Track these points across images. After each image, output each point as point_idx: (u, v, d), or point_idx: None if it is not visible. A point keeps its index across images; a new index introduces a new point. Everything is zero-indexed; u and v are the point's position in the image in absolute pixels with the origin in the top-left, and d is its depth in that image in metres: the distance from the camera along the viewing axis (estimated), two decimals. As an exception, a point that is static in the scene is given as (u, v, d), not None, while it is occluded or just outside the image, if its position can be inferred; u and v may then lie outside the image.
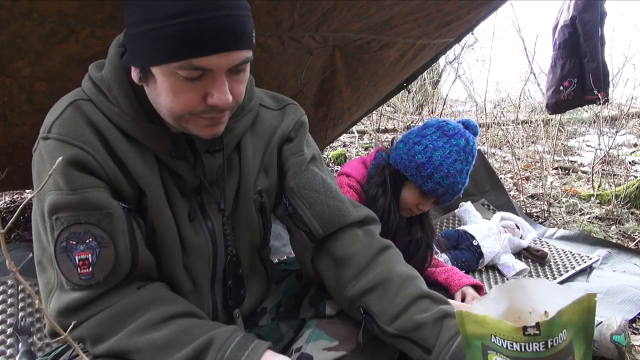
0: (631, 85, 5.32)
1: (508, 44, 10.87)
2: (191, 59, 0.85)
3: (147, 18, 0.85)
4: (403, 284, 1.09)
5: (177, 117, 0.94)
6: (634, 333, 1.84)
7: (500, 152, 4.91)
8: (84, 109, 0.98)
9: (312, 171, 1.18)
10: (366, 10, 2.11)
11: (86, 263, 0.92)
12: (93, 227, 0.93)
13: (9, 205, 2.90)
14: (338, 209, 1.15)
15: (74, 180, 0.92)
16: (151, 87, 0.93)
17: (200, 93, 0.90)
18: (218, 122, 0.97)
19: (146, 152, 1.00)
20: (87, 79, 1.02)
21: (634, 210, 3.16)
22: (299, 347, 1.17)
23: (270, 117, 1.18)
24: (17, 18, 1.45)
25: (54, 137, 0.94)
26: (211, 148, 1.07)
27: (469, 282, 1.78)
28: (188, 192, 1.08)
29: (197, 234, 1.09)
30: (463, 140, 1.64)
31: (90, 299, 0.94)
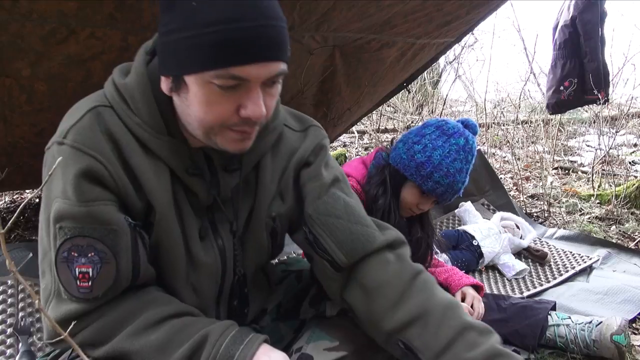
0: (631, 85, 5.33)
1: (508, 44, 10.86)
2: (230, 67, 0.83)
3: (188, 25, 0.83)
4: (444, 315, 1.02)
5: (207, 129, 0.91)
6: (634, 333, 1.85)
7: (500, 152, 4.91)
8: (104, 116, 0.95)
9: (332, 195, 1.12)
10: (366, 10, 2.11)
11: (86, 277, 0.90)
12: (96, 241, 0.91)
13: (9, 205, 2.90)
14: (362, 234, 1.08)
15: (83, 192, 0.90)
16: (182, 97, 0.90)
17: (234, 104, 0.88)
18: (247, 137, 0.94)
19: (161, 167, 0.98)
20: (111, 84, 0.99)
21: (634, 210, 3.16)
22: (299, 348, 1.17)
23: (292, 139, 1.14)
24: (17, 19, 1.46)
25: (69, 143, 0.91)
26: (229, 166, 1.04)
27: (469, 282, 1.78)
28: (200, 210, 1.05)
29: (207, 253, 1.06)
30: (462, 139, 1.64)
31: (87, 311, 0.92)
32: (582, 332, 1.67)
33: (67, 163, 0.90)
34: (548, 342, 1.72)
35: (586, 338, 1.66)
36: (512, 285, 2.23)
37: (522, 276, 2.30)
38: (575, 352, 1.67)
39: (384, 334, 1.06)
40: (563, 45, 3.43)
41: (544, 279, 2.28)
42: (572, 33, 3.36)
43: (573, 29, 3.36)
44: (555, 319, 1.73)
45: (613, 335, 1.61)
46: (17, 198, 2.98)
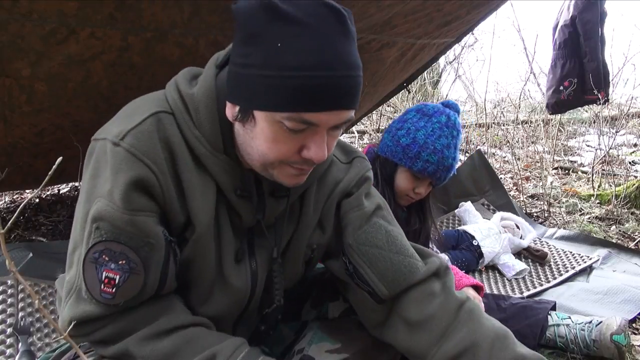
0: (631, 85, 5.33)
1: (508, 44, 10.88)
2: (304, 112, 0.84)
3: (269, 64, 0.82)
4: (494, 346, 0.99)
5: (266, 163, 0.92)
6: (634, 333, 1.84)
7: (500, 152, 4.91)
8: (165, 123, 0.93)
9: (374, 224, 1.10)
10: (366, 10, 2.11)
11: (111, 283, 0.89)
12: (131, 251, 0.90)
13: (9, 205, 2.90)
14: (404, 265, 1.06)
15: (130, 200, 0.89)
16: (247, 128, 0.90)
17: (298, 145, 0.89)
18: (304, 174, 0.95)
19: (209, 184, 0.97)
20: (175, 91, 0.96)
21: (634, 210, 3.15)
22: (301, 349, 1.17)
23: (337, 171, 1.14)
24: (17, 18, 1.45)
25: (126, 147, 0.89)
26: (277, 192, 1.03)
27: (470, 283, 1.78)
28: (241, 231, 1.04)
29: (239, 276, 1.05)
30: (444, 116, 1.66)
31: (104, 315, 0.91)
32: (582, 332, 1.67)
33: (120, 167, 0.89)
34: (548, 342, 1.72)
35: (586, 338, 1.66)
36: (512, 285, 2.23)
37: (522, 276, 2.30)
38: (575, 352, 1.67)
39: None
40: (563, 45, 3.43)
41: (544, 279, 2.28)
42: (572, 33, 3.36)
43: (573, 29, 3.36)
44: (555, 319, 1.73)
45: (613, 335, 1.61)
46: (17, 198, 2.99)
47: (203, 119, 0.94)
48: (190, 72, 1.00)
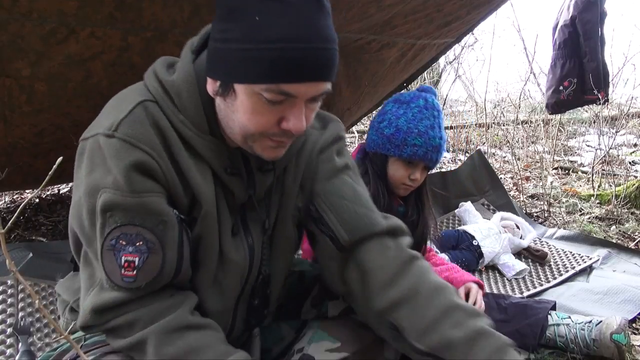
0: (631, 85, 5.33)
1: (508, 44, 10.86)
2: (282, 83, 0.87)
3: (248, 38, 0.85)
4: (432, 295, 1.05)
5: (246, 135, 0.94)
6: (634, 333, 1.85)
7: (500, 152, 4.91)
8: (152, 110, 0.96)
9: (342, 179, 1.16)
10: (366, 10, 2.11)
11: (131, 265, 0.91)
12: (146, 231, 0.92)
13: (9, 205, 2.90)
14: (367, 216, 1.12)
15: (136, 183, 0.91)
16: (228, 102, 0.93)
17: (277, 116, 0.91)
18: (282, 146, 0.98)
19: (204, 165, 1.00)
20: (155, 80, 0.99)
21: (634, 210, 3.16)
22: (300, 348, 1.17)
23: (314, 137, 1.18)
24: (17, 18, 1.45)
25: (120, 136, 0.91)
26: (264, 167, 1.07)
27: (472, 279, 1.78)
28: (234, 208, 1.07)
29: (237, 250, 1.07)
30: (421, 100, 1.69)
31: (126, 301, 0.93)
32: (582, 331, 1.67)
33: (119, 155, 0.90)
34: (548, 341, 1.72)
35: (586, 337, 1.66)
36: (512, 285, 2.23)
37: (522, 276, 2.30)
38: (575, 352, 1.67)
39: (376, 315, 1.09)
40: (563, 45, 3.42)
41: (544, 279, 2.28)
42: (572, 33, 3.36)
43: (573, 29, 3.36)
44: (555, 319, 1.73)
45: (613, 335, 1.61)
46: (17, 198, 2.99)
47: (186, 104, 0.97)
48: (167, 60, 1.03)
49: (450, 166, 4.30)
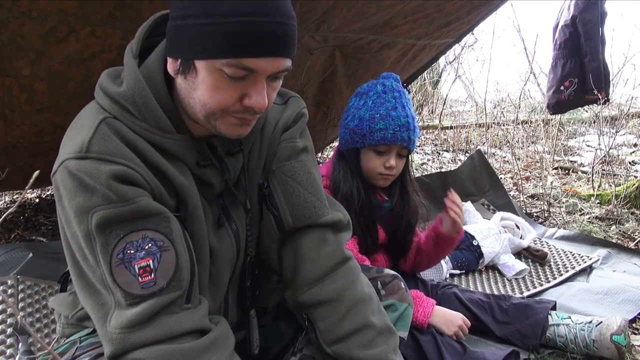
0: (631, 85, 5.32)
1: (508, 44, 10.87)
2: (242, 58, 0.87)
3: (206, 12, 0.86)
4: (353, 308, 1.09)
5: (209, 113, 0.94)
6: (634, 333, 1.84)
7: (500, 152, 4.91)
8: (114, 126, 0.94)
9: (300, 161, 1.17)
10: (366, 10, 2.11)
11: (147, 270, 0.89)
12: (151, 232, 0.90)
13: (9, 205, 2.90)
14: (314, 205, 1.14)
15: (124, 192, 0.89)
16: (189, 80, 0.93)
17: (238, 93, 0.91)
18: (246, 124, 0.98)
19: (180, 164, 1.00)
20: (104, 96, 0.98)
21: (634, 210, 3.16)
22: (300, 348, 1.18)
23: (275, 112, 1.19)
24: (17, 17, 1.45)
25: (94, 156, 0.89)
26: (232, 150, 1.08)
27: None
28: (213, 199, 1.08)
29: (222, 240, 1.08)
30: (379, 86, 1.71)
31: (154, 312, 0.89)
32: (581, 331, 1.67)
33: (97, 172, 0.88)
34: (548, 341, 1.72)
35: (586, 338, 1.65)
36: (512, 285, 2.23)
37: (522, 276, 2.30)
38: (575, 352, 1.67)
39: (296, 303, 1.14)
40: (563, 45, 3.42)
41: (544, 279, 2.28)
42: (573, 33, 3.36)
43: (573, 29, 3.35)
44: (555, 319, 1.73)
45: (613, 336, 1.61)
46: (17, 198, 2.98)
47: (144, 111, 0.95)
48: (110, 73, 1.02)
49: (450, 166, 4.30)
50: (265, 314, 1.31)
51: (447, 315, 1.64)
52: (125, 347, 0.87)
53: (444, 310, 1.66)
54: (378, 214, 1.78)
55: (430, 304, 1.64)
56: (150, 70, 0.97)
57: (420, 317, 1.60)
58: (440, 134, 5.39)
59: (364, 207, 1.71)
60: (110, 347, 0.88)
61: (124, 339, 0.87)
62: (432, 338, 1.55)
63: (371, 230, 1.75)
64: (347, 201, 1.68)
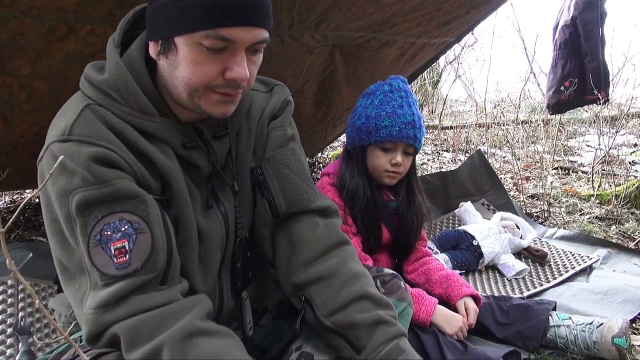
0: (631, 85, 5.33)
1: (508, 44, 10.88)
2: (219, 28, 0.89)
3: None
4: (348, 281, 1.11)
5: (192, 90, 0.95)
6: (634, 333, 1.84)
7: (500, 152, 4.91)
8: (98, 112, 0.97)
9: (291, 149, 1.20)
10: (366, 8, 2.11)
11: (122, 251, 0.90)
12: (129, 214, 0.92)
13: (9, 205, 2.90)
14: (305, 192, 1.18)
15: (103, 174, 0.91)
16: (170, 59, 0.95)
17: (219, 66, 0.93)
18: (230, 101, 0.99)
19: (164, 147, 1.02)
20: (88, 85, 1.01)
21: (634, 210, 3.15)
22: (299, 346, 1.17)
23: (260, 100, 1.21)
24: (17, 15, 1.45)
25: (76, 138, 0.92)
26: (218, 133, 1.10)
27: (469, 292, 1.76)
28: (200, 182, 1.09)
29: (210, 222, 1.09)
30: (386, 86, 1.74)
31: (127, 292, 0.89)
32: (582, 333, 1.66)
33: (78, 154, 0.90)
34: (548, 342, 1.71)
35: (587, 339, 1.65)
36: (512, 285, 2.23)
37: (522, 276, 2.30)
38: (575, 353, 1.67)
39: (293, 287, 1.15)
40: (563, 45, 3.42)
41: (544, 279, 2.27)
42: (573, 33, 3.36)
43: (573, 29, 3.35)
44: (555, 320, 1.72)
45: (614, 338, 1.60)
46: (17, 198, 2.98)
47: (126, 95, 0.98)
48: (95, 65, 1.05)
49: (450, 166, 4.30)
50: (265, 314, 1.30)
51: (449, 315, 1.65)
52: (100, 327, 0.89)
53: (446, 309, 1.67)
54: (383, 213, 1.78)
55: (432, 303, 1.65)
56: (132, 57, 1.00)
57: (422, 315, 1.61)
58: (440, 134, 5.39)
59: (369, 205, 1.72)
60: (86, 328, 0.90)
61: (98, 318, 0.89)
62: (434, 337, 1.56)
63: (375, 228, 1.75)
64: (353, 198, 1.70)
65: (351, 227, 1.71)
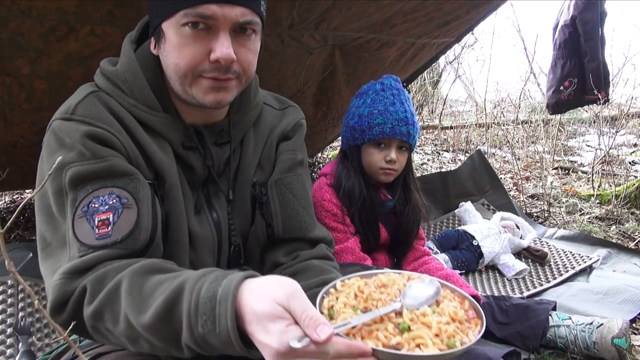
0: (631, 85, 5.33)
1: (508, 44, 10.88)
2: (197, 6, 0.90)
3: None
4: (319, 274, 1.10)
5: (181, 77, 0.96)
6: (634, 333, 1.84)
7: (500, 152, 4.91)
8: (104, 99, 1.00)
9: (299, 175, 1.21)
10: (366, 9, 2.11)
11: (105, 223, 0.89)
12: (119, 189, 0.92)
13: (9, 205, 2.90)
14: (304, 220, 1.18)
15: (99, 150, 0.92)
16: (162, 50, 0.97)
17: (204, 48, 0.93)
18: (223, 87, 0.98)
19: (163, 142, 1.03)
20: (100, 75, 1.04)
21: (634, 210, 3.15)
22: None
23: (272, 116, 1.21)
24: (17, 16, 1.45)
25: (78, 118, 0.95)
26: (219, 140, 1.10)
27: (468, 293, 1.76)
28: (195, 184, 1.09)
29: (202, 226, 1.09)
30: (378, 85, 1.76)
31: (99, 261, 0.87)
32: (582, 333, 1.66)
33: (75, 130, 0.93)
34: (548, 342, 1.71)
35: (587, 339, 1.65)
36: (512, 285, 2.23)
37: (522, 276, 2.30)
38: (575, 353, 1.67)
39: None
40: (563, 45, 3.42)
41: (544, 279, 2.27)
42: (572, 33, 3.36)
43: (573, 29, 3.35)
44: (555, 320, 1.72)
45: (614, 339, 1.61)
46: (17, 198, 2.98)
47: (133, 86, 1.01)
48: (110, 60, 1.08)
49: (450, 166, 4.30)
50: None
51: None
52: (66, 293, 0.86)
53: None
54: (380, 212, 1.78)
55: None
56: (145, 52, 1.03)
57: None
58: (440, 134, 5.39)
59: (365, 204, 1.72)
60: (51, 296, 0.88)
61: (65, 284, 0.86)
62: None
63: (373, 227, 1.76)
64: (349, 198, 1.71)
65: (349, 227, 1.71)
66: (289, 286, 0.73)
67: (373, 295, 0.83)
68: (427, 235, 2.56)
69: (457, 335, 0.76)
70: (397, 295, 0.84)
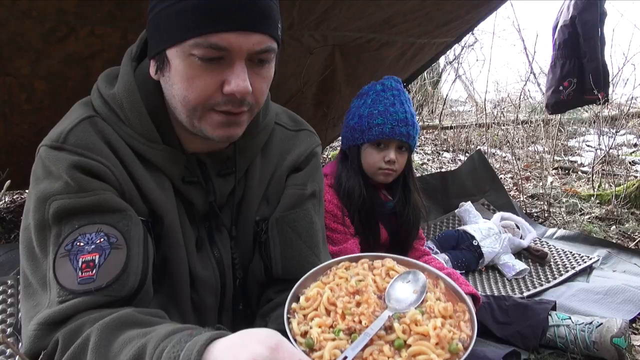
0: (631, 85, 5.33)
1: (508, 44, 10.89)
2: (208, 34, 0.78)
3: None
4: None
5: (191, 110, 0.85)
6: (634, 333, 1.84)
7: (500, 152, 4.91)
8: (99, 126, 0.90)
9: (305, 210, 1.08)
10: (365, 9, 2.11)
11: (90, 265, 0.79)
12: (108, 227, 0.83)
13: (9, 205, 2.90)
14: (307, 260, 1.05)
15: (87, 182, 0.83)
16: (166, 77, 0.86)
17: (216, 80, 0.82)
18: (234, 122, 0.88)
19: (162, 177, 0.93)
20: (98, 96, 0.94)
21: (634, 210, 3.15)
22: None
23: (283, 139, 1.10)
24: (17, 16, 1.45)
25: (69, 148, 0.85)
26: (223, 171, 1.00)
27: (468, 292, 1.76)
28: (196, 220, 1.00)
29: (204, 266, 1.01)
30: (378, 85, 1.76)
31: (79, 310, 0.78)
32: (582, 332, 1.67)
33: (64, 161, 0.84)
34: (548, 342, 1.71)
35: (586, 339, 1.65)
36: (512, 285, 2.23)
37: (522, 276, 2.30)
38: (575, 353, 1.67)
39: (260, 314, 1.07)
40: (563, 45, 3.43)
41: (544, 279, 2.28)
42: (572, 33, 3.36)
43: (573, 29, 3.36)
44: (555, 320, 1.72)
45: (613, 338, 1.61)
46: (17, 198, 2.98)
47: (130, 115, 0.90)
48: (111, 73, 0.98)
49: (450, 166, 4.30)
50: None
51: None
52: (39, 347, 0.78)
53: None
54: (380, 212, 1.78)
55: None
56: (145, 74, 0.92)
57: None
58: (440, 134, 5.39)
59: (365, 204, 1.72)
60: (24, 346, 0.80)
61: (39, 336, 0.78)
62: None
63: (372, 227, 1.76)
64: (349, 198, 1.71)
65: (349, 228, 1.72)
66: (268, 338, 0.66)
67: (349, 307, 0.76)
68: (427, 235, 2.56)
69: (455, 335, 0.73)
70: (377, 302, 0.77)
